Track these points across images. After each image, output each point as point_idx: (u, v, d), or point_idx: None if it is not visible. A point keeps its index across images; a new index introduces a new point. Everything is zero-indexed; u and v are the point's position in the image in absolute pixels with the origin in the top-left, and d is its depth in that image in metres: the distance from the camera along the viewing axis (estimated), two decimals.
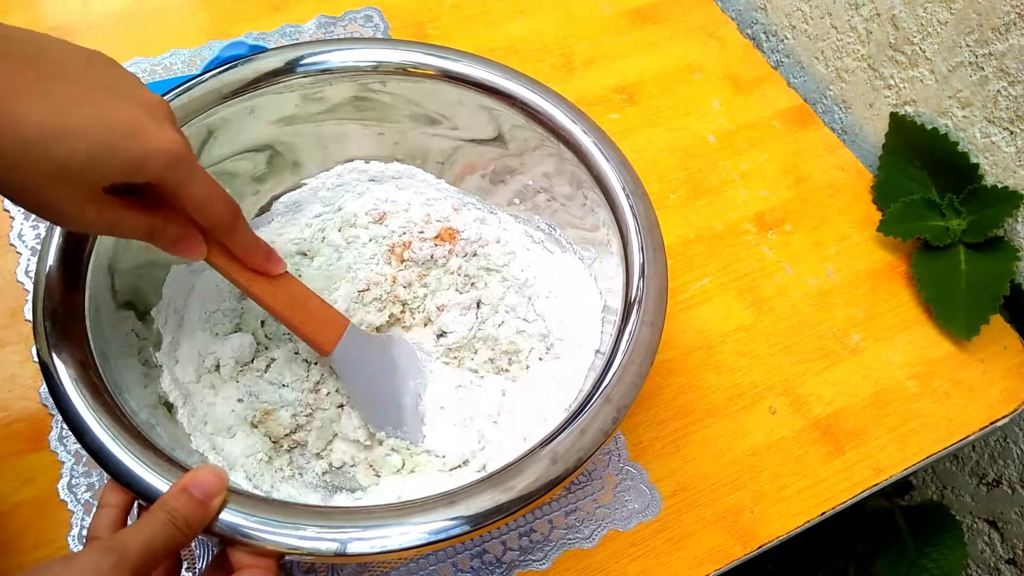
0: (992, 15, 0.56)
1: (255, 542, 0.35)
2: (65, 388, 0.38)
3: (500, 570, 0.48)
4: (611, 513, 0.50)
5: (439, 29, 0.72)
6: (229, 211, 0.40)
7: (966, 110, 0.60)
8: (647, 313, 0.43)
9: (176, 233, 0.39)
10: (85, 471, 0.48)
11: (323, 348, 0.45)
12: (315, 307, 0.45)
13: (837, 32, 0.70)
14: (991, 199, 0.58)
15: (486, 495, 0.37)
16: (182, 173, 0.36)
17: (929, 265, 0.60)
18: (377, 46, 0.52)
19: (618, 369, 0.41)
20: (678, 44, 0.74)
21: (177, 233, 0.39)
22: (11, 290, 0.55)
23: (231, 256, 0.42)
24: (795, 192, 0.65)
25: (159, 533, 0.33)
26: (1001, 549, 0.70)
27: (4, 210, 0.58)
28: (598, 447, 0.39)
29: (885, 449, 0.54)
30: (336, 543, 0.35)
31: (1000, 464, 0.66)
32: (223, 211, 0.39)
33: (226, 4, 0.71)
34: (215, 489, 0.35)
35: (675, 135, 0.68)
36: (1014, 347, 0.59)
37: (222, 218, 0.39)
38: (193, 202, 0.38)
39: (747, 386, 0.56)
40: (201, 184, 0.38)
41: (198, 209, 0.38)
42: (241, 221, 0.41)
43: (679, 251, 0.61)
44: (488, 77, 0.51)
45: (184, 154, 0.36)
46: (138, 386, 0.44)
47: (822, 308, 0.60)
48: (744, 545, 0.50)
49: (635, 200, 0.47)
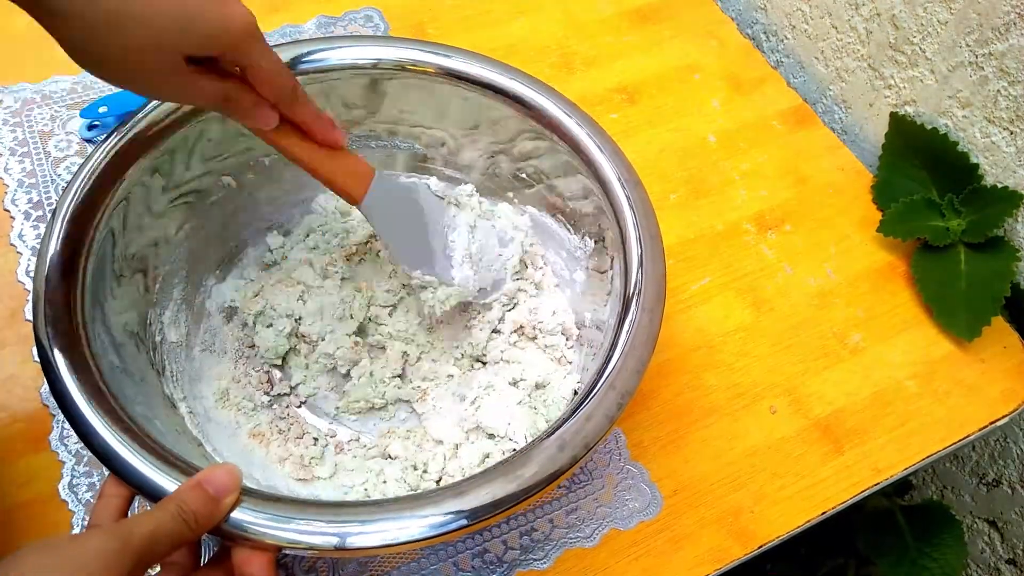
0: (992, 15, 0.56)
1: (253, 536, 0.35)
2: (68, 388, 0.38)
3: (501, 569, 0.48)
4: (612, 512, 0.50)
5: (439, 29, 0.72)
6: (291, 82, 0.42)
7: (966, 110, 0.60)
8: (647, 300, 0.43)
9: (250, 101, 0.41)
10: (86, 471, 0.48)
11: (354, 197, 0.47)
12: (343, 159, 0.46)
13: (837, 32, 0.70)
14: (991, 199, 0.58)
15: (493, 486, 0.37)
16: (254, 46, 0.39)
17: (929, 265, 0.60)
18: (377, 44, 0.52)
19: (620, 356, 0.41)
20: (678, 44, 0.74)
21: (251, 101, 0.41)
22: (11, 290, 0.55)
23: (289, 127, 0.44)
24: (795, 192, 0.66)
25: (166, 525, 0.33)
26: (1001, 549, 0.70)
27: (4, 210, 0.58)
28: (604, 433, 0.39)
29: (885, 449, 0.54)
30: (336, 537, 0.35)
31: (1000, 464, 0.66)
32: (287, 82, 0.41)
33: None
34: (228, 487, 0.35)
35: (675, 135, 0.68)
36: (1014, 347, 0.59)
37: (285, 89, 0.41)
38: (262, 72, 0.40)
39: (747, 386, 0.56)
40: (267, 57, 0.40)
41: (266, 80, 0.40)
42: (301, 93, 0.43)
43: (679, 251, 0.61)
44: (485, 74, 0.51)
45: (255, 28, 0.38)
46: (141, 383, 0.44)
47: (822, 308, 0.60)
48: (744, 545, 0.50)
49: (631, 189, 0.47)
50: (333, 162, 0.46)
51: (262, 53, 0.39)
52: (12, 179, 0.59)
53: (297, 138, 0.44)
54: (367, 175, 0.47)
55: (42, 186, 0.59)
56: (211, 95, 0.40)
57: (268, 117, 0.42)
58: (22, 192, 0.58)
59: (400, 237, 0.50)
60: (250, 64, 0.39)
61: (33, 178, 0.59)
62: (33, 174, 0.59)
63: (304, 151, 0.44)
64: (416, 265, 0.50)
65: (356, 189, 0.47)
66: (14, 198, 0.58)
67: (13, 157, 0.60)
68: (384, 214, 0.49)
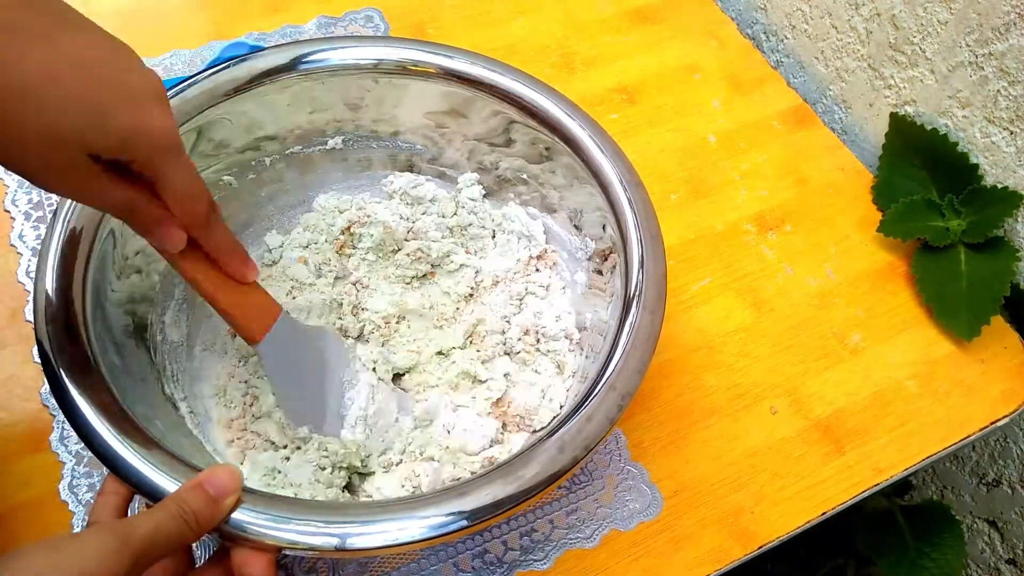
0: (992, 15, 0.56)
1: (254, 537, 0.35)
2: (68, 389, 0.38)
3: (501, 570, 0.48)
4: (612, 513, 0.50)
5: (439, 29, 0.72)
6: (206, 206, 0.39)
7: (966, 110, 0.60)
8: (647, 301, 0.43)
9: (157, 217, 0.38)
10: (86, 471, 0.48)
11: (253, 336, 0.44)
12: (250, 293, 0.44)
13: (837, 32, 0.70)
14: (991, 199, 0.58)
15: (494, 486, 0.37)
16: (168, 158, 0.35)
17: (929, 265, 0.60)
18: (378, 44, 0.52)
19: (621, 357, 0.41)
20: (678, 44, 0.74)
21: (158, 217, 0.38)
22: (11, 290, 0.54)
23: (197, 251, 0.41)
24: (795, 192, 0.66)
25: (167, 524, 0.33)
26: (1001, 549, 0.70)
27: (5, 211, 0.58)
28: (604, 434, 0.39)
29: (885, 449, 0.54)
30: (336, 538, 0.35)
31: (1000, 464, 0.66)
32: (201, 205, 0.38)
33: (226, 4, 0.71)
34: (229, 488, 0.35)
35: (675, 135, 0.68)
36: (1014, 347, 0.59)
37: (199, 212, 0.38)
38: (174, 190, 0.36)
39: (747, 386, 0.56)
40: (183, 174, 0.36)
41: (178, 199, 0.37)
42: (216, 219, 0.40)
43: (680, 251, 0.61)
44: (485, 74, 0.51)
45: (173, 140, 0.35)
46: (142, 384, 0.44)
47: (822, 308, 0.60)
48: (744, 545, 0.50)
49: (632, 190, 0.47)
50: (238, 295, 0.43)
51: (177, 168, 0.36)
52: (12, 179, 0.59)
53: (203, 265, 0.41)
54: (271, 314, 0.45)
55: None
56: (113, 202, 0.36)
57: (173, 239, 0.38)
58: (22, 192, 0.58)
59: (291, 387, 0.46)
60: (162, 178, 0.36)
61: None
62: None
63: (208, 281, 0.41)
64: (302, 421, 0.46)
65: (256, 328, 0.44)
66: (14, 198, 0.58)
67: None
68: (280, 359, 0.45)
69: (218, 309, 0.43)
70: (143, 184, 0.37)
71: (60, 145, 0.33)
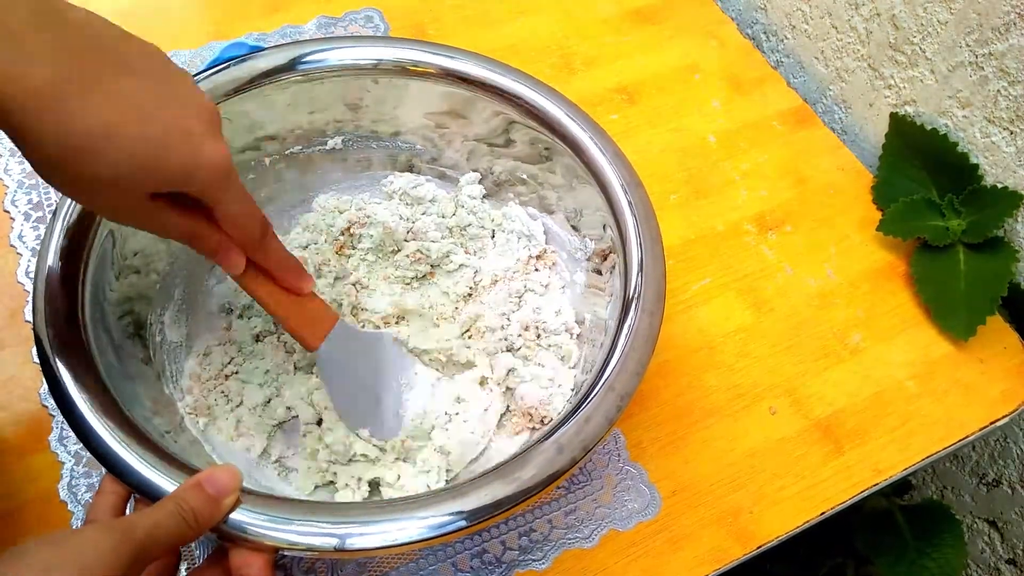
0: (992, 15, 0.56)
1: (252, 537, 0.35)
2: (67, 389, 0.38)
3: (500, 570, 0.48)
4: (611, 513, 0.50)
5: (439, 30, 0.72)
6: (260, 228, 0.41)
7: (966, 110, 0.60)
8: (646, 302, 0.43)
9: (216, 242, 0.40)
10: (85, 472, 0.48)
11: (311, 344, 0.46)
12: (308, 303, 0.45)
13: (837, 32, 0.70)
14: (991, 199, 0.58)
15: (492, 487, 0.37)
16: (224, 189, 0.37)
17: (929, 265, 0.60)
18: (377, 45, 0.52)
19: (620, 358, 0.41)
20: (678, 44, 0.74)
21: (217, 242, 0.40)
22: (11, 291, 0.55)
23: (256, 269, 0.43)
24: (795, 192, 0.65)
25: (166, 522, 0.33)
26: (1001, 549, 0.70)
27: (4, 211, 0.58)
28: (603, 435, 0.39)
29: (885, 449, 0.54)
30: (335, 538, 0.35)
31: (1000, 464, 0.66)
32: (256, 228, 0.40)
33: (226, 4, 0.71)
34: (228, 488, 0.35)
35: (675, 135, 0.68)
36: (1014, 347, 0.59)
37: (254, 234, 0.40)
38: (230, 216, 0.38)
39: (747, 386, 0.56)
40: (235, 200, 0.38)
41: (233, 224, 0.39)
42: (270, 238, 0.42)
43: (680, 251, 0.61)
44: (486, 74, 0.51)
45: (227, 168, 0.36)
46: (141, 383, 0.44)
47: (822, 308, 0.60)
48: (744, 545, 0.50)
49: (632, 191, 0.47)
50: (296, 306, 0.45)
51: (230, 195, 0.38)
52: (12, 180, 0.59)
53: (262, 279, 0.43)
54: (328, 322, 0.46)
55: (42, 187, 0.59)
56: (177, 231, 0.38)
57: (233, 262, 0.41)
58: (22, 193, 0.59)
59: (348, 391, 0.48)
60: (217, 205, 0.38)
61: (33, 179, 0.59)
62: (33, 175, 0.59)
63: (269, 295, 0.43)
64: (359, 424, 0.47)
65: (314, 335, 0.46)
66: (14, 199, 0.58)
67: (13, 158, 0.60)
68: (337, 364, 0.47)
69: (278, 320, 0.45)
70: (202, 211, 0.38)
71: (122, 190, 0.34)
